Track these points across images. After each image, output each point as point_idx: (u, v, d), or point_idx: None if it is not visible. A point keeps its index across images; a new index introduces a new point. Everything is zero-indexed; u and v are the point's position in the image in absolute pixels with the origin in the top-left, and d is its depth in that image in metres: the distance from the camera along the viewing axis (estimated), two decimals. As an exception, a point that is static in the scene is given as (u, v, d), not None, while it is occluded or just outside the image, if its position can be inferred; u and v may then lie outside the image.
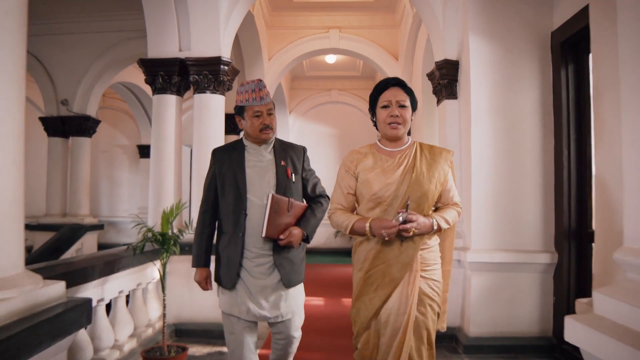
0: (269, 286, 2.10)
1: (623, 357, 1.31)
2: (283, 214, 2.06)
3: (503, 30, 3.62)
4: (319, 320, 4.45)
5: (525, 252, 3.53)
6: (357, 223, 1.89)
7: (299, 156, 2.25)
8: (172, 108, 4.11)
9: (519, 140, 3.59)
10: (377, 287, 1.90)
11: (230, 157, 2.18)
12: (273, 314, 2.11)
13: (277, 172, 2.15)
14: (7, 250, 1.44)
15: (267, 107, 2.13)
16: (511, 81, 3.61)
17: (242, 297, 2.10)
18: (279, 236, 2.06)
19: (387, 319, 1.87)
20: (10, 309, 1.37)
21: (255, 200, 2.10)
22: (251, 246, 2.10)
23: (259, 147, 2.19)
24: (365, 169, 1.95)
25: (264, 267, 2.10)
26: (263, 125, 2.12)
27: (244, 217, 2.09)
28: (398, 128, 1.91)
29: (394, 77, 2.05)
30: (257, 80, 2.15)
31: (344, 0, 6.29)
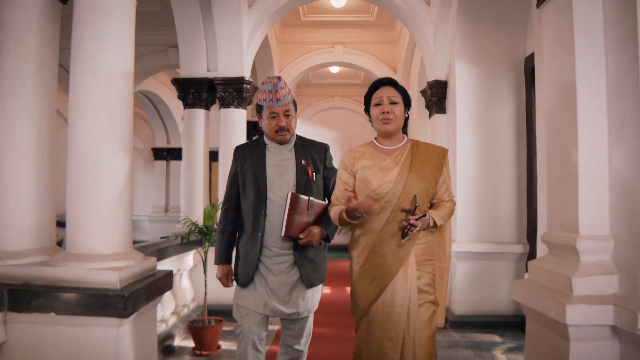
0: (288, 283, 2.07)
1: (542, 303, 1.98)
2: (303, 212, 2.02)
3: (484, 55, 4.28)
4: (326, 304, 5.13)
5: (501, 243, 4.19)
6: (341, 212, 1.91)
7: (320, 154, 2.21)
8: (201, 120, 4.78)
9: (497, 149, 4.26)
10: (373, 280, 1.91)
11: (251, 155, 2.15)
12: (290, 311, 2.08)
13: (297, 171, 2.11)
14: (126, 234, 2.11)
15: (284, 109, 2.08)
16: (490, 99, 4.27)
17: (260, 292, 2.08)
18: (298, 235, 2.02)
19: (381, 310, 1.88)
20: (131, 273, 2.04)
21: (275, 199, 2.07)
22: (270, 245, 2.07)
23: (280, 145, 2.15)
24: (363, 167, 1.96)
25: (283, 265, 2.07)
26: (278, 127, 2.08)
27: (264, 216, 2.07)
28: (390, 122, 1.93)
29: (386, 76, 2.09)
30: (275, 80, 2.06)
31: (347, 20, 6.95)
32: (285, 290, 2.07)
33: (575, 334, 1.83)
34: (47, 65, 2.17)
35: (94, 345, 1.88)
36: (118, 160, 2.06)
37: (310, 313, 2.18)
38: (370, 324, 1.91)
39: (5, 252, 2.01)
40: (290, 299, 2.08)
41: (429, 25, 4.69)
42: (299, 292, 2.09)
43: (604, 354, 1.81)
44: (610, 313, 1.79)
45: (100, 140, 2.01)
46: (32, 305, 1.87)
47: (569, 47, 2.01)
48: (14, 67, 2.08)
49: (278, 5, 4.82)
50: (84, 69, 2.04)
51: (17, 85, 2.06)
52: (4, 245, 2.02)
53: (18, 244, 2.04)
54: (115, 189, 2.04)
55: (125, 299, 1.86)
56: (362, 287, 1.93)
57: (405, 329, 1.86)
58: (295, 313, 2.09)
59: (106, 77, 2.04)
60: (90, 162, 1.99)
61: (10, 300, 1.88)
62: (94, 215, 1.99)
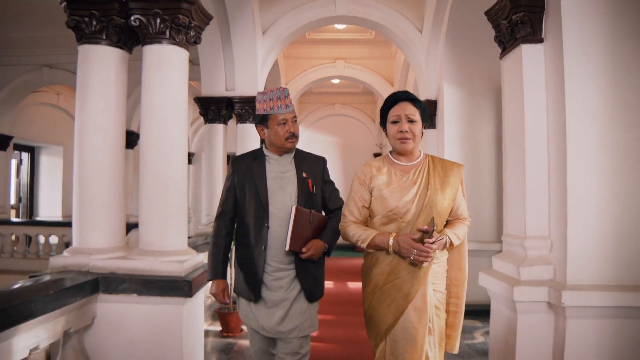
0: (287, 299, 2.04)
1: (499, 286, 2.63)
2: (305, 226, 2.00)
3: (468, 79, 4.93)
4: (330, 296, 5.80)
5: (484, 242, 4.84)
6: (378, 237, 1.85)
7: (319, 167, 2.19)
8: (220, 134, 5.43)
9: (480, 161, 4.91)
10: (391, 303, 1.86)
11: (250, 167, 2.11)
12: (287, 328, 2.03)
13: (298, 184, 2.09)
14: (184, 236, 2.76)
15: (292, 115, 2.07)
16: (474, 117, 4.93)
17: (258, 311, 2.07)
18: (301, 249, 2.00)
19: (402, 332, 1.84)
20: (189, 265, 2.68)
21: (276, 212, 2.04)
22: (271, 260, 2.05)
23: (280, 157, 2.13)
24: (381, 184, 1.91)
25: (283, 280, 2.04)
26: (289, 134, 2.06)
27: (266, 229, 2.03)
28: (407, 142, 1.88)
29: (404, 91, 2.01)
30: (281, 88, 2.08)
31: (348, 38, 7.60)
32: (285, 306, 2.02)
33: (521, 309, 2.48)
34: (121, 105, 2.80)
35: (165, 317, 2.53)
36: (178, 180, 2.70)
37: (309, 332, 2.08)
38: (392, 348, 1.85)
39: (93, 249, 2.65)
40: (288, 316, 2.02)
41: (421, 51, 5.34)
42: (298, 307, 2.04)
43: (542, 322, 2.46)
44: (545, 293, 2.44)
45: (167, 165, 2.66)
46: (119, 288, 2.52)
47: (519, 94, 2.66)
48: (98, 108, 2.70)
49: (288, 32, 5.46)
50: (152, 108, 2.68)
51: (102, 123, 2.70)
52: (93, 244, 2.66)
53: (103, 243, 2.68)
54: (177, 202, 2.69)
55: (189, 284, 2.51)
56: (379, 310, 1.88)
57: (427, 349, 1.85)
58: (293, 330, 2.03)
59: (169, 115, 2.69)
60: (160, 183, 2.64)
61: (102, 284, 2.52)
62: (163, 222, 2.64)
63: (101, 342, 2.54)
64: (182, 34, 2.70)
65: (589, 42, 2.40)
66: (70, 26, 2.70)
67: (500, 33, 2.81)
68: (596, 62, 2.39)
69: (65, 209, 10.84)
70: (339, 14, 5.33)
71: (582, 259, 2.37)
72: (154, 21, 2.63)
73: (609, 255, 2.37)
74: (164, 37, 2.66)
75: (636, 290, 2.32)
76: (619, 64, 2.40)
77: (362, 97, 11.14)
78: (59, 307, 2.18)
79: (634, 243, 2.38)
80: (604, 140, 2.38)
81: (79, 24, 2.66)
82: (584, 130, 2.38)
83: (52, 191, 10.98)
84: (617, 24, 2.40)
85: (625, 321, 2.34)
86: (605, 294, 2.31)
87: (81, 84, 2.71)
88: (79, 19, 2.66)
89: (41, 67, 8.20)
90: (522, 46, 2.62)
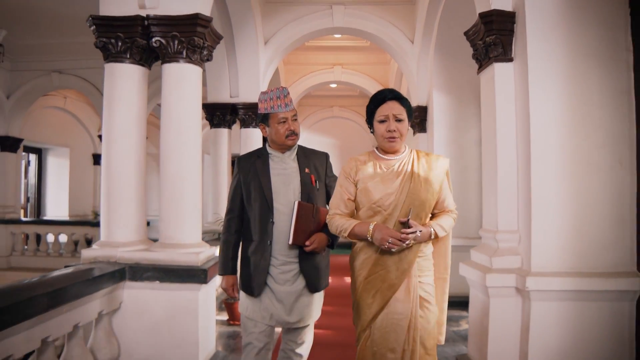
0: (293, 292, 2.11)
1: (476, 275, 3.00)
2: (309, 220, 2.07)
3: (456, 87, 5.31)
4: (330, 289, 6.17)
5: (469, 238, 5.21)
6: (357, 227, 1.89)
7: (322, 163, 2.26)
8: (225, 138, 5.81)
9: (466, 162, 5.28)
10: (376, 293, 1.90)
11: (255, 166, 2.17)
12: (295, 319, 2.12)
13: (301, 179, 2.15)
14: (198, 231, 3.13)
15: (292, 113, 2.13)
16: (461, 122, 5.30)
17: (266, 302, 2.12)
18: (305, 243, 2.07)
19: (384, 322, 1.89)
20: (204, 256, 3.05)
21: (281, 208, 2.12)
22: (277, 254, 2.11)
23: (282, 154, 2.19)
24: (365, 177, 1.94)
25: (289, 274, 2.11)
26: (289, 132, 2.12)
27: (271, 225, 2.10)
28: (396, 141, 1.91)
29: (391, 89, 2.03)
30: (280, 88, 2.15)
31: (345, 45, 7.97)
32: (291, 300, 2.11)
33: (493, 293, 2.86)
34: (143, 115, 3.17)
35: (183, 301, 2.90)
36: (194, 182, 3.08)
37: (313, 321, 2.21)
38: (373, 336, 1.90)
39: (120, 243, 3.01)
40: (296, 307, 2.11)
41: (413, 60, 5.72)
42: (304, 300, 2.13)
43: (511, 305, 2.84)
44: (513, 279, 2.82)
45: (183, 168, 3.03)
46: (143, 276, 2.89)
47: (492, 105, 3.04)
48: (123, 120, 3.07)
49: (288, 43, 5.83)
50: (171, 118, 3.05)
51: (127, 133, 3.06)
52: (119, 238, 3.02)
53: (128, 237, 3.05)
54: (192, 201, 3.06)
55: (205, 272, 2.88)
56: (365, 299, 1.93)
57: (405, 340, 1.87)
58: (300, 321, 2.14)
59: (186, 124, 3.06)
60: (178, 184, 3.01)
61: (129, 273, 2.89)
62: (180, 219, 3.01)
63: (127, 323, 2.91)
64: (196, 54, 3.07)
65: (551, 61, 2.78)
66: (98, 47, 3.06)
67: (477, 52, 3.19)
68: (556, 78, 2.78)
69: (72, 209, 11.19)
70: (336, 25, 5.70)
71: (544, 250, 2.76)
72: (173, 43, 3.00)
73: (567, 247, 2.75)
74: (181, 56, 3.02)
75: (590, 276, 2.71)
76: (576, 80, 2.78)
77: (359, 100, 11.50)
78: (95, 291, 2.55)
79: (589, 236, 2.76)
80: (563, 147, 2.77)
81: (106, 44, 3.03)
82: (545, 138, 2.77)
83: (58, 191, 11.33)
84: (575, 46, 2.78)
85: (581, 303, 2.72)
86: (563, 279, 2.70)
87: (108, 97, 3.07)
88: (107, 41, 3.02)
89: (51, 73, 8.56)
90: (495, 64, 2.99)
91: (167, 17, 2.98)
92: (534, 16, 2.80)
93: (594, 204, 2.76)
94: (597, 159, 2.76)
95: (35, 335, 2.10)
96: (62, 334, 2.34)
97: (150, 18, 2.99)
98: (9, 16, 5.67)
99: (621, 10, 2.81)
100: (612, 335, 2.71)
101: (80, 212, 11.16)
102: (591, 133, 2.77)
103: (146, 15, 3.00)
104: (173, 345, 2.90)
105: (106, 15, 3.03)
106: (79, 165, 11.46)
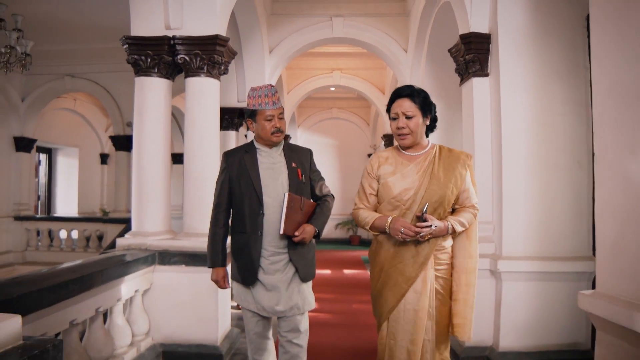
0: (284, 280, 2.18)
1: (456, 260, 3.48)
2: (297, 211, 2.14)
3: (445, 93, 5.77)
4: (330, 280, 6.67)
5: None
6: (378, 220, 1.97)
7: (306, 158, 2.33)
8: (233, 140, 6.28)
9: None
10: (394, 286, 1.96)
11: (243, 160, 2.23)
12: (287, 307, 2.18)
13: (289, 173, 2.22)
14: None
15: (278, 111, 2.18)
16: (449, 126, 5.78)
17: (257, 294, 2.19)
18: (294, 233, 2.13)
19: (403, 314, 1.94)
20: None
21: (269, 200, 2.18)
22: (267, 245, 2.18)
23: (270, 149, 2.25)
24: (386, 173, 2.00)
25: (279, 264, 2.18)
26: (275, 129, 2.17)
27: (262, 217, 2.17)
28: (406, 138, 1.97)
29: (406, 86, 2.06)
30: (269, 86, 2.20)
31: (344, 51, 8.45)
32: (283, 288, 2.17)
33: (470, 275, 3.33)
34: (168, 122, 3.64)
35: (205, 283, 3.32)
36: (213, 180, 3.54)
37: (306, 311, 2.26)
38: (393, 328, 1.96)
39: (149, 232, 3.47)
40: (286, 296, 2.18)
41: (407, 68, 6.19)
42: (295, 287, 2.20)
43: (486, 285, 3.31)
44: (488, 263, 3.29)
45: (204, 168, 3.50)
46: (171, 261, 3.36)
47: (471, 114, 3.52)
48: (151, 126, 3.54)
49: (291, 51, 6.30)
50: (194, 126, 3.52)
51: (154, 137, 3.53)
52: (149, 228, 3.48)
53: (156, 228, 3.51)
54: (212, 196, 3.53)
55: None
56: (384, 292, 1.99)
57: (423, 331, 1.95)
58: (292, 308, 2.19)
59: (206, 131, 3.53)
60: (200, 182, 3.48)
61: (158, 258, 3.36)
62: (202, 212, 3.48)
63: (156, 301, 3.37)
64: (215, 69, 3.54)
65: (520, 77, 3.27)
66: (129, 62, 3.53)
67: (459, 67, 3.67)
68: (524, 91, 3.26)
69: (81, 207, 11.65)
70: (336, 35, 6.17)
71: (513, 238, 3.24)
72: (195, 59, 3.46)
73: (533, 235, 3.24)
74: (202, 71, 3.49)
75: (552, 260, 3.19)
76: (541, 93, 3.26)
77: (357, 102, 11.98)
78: (133, 272, 3.02)
79: (552, 226, 3.24)
80: (529, 150, 3.25)
81: (137, 61, 3.49)
82: (515, 142, 3.25)
83: (68, 190, 11.79)
84: (541, 64, 3.26)
85: (545, 283, 3.21)
86: (530, 262, 3.18)
87: (138, 107, 3.54)
88: (137, 57, 3.49)
89: (64, 76, 9.02)
90: (473, 79, 3.47)
91: (191, 37, 3.44)
92: (505, 38, 3.28)
93: (556, 199, 3.25)
94: (558, 160, 3.24)
95: (91, 306, 2.57)
96: (109, 306, 2.82)
97: (176, 38, 3.45)
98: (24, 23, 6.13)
99: (580, 33, 3.29)
100: (572, 310, 3.20)
101: (89, 209, 11.61)
102: (554, 138, 3.25)
103: (172, 35, 3.47)
104: (196, 320, 3.37)
105: (137, 35, 3.49)
106: (87, 165, 11.92)
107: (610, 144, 1.85)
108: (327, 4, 6.10)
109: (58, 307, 2.18)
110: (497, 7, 3.28)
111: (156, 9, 3.48)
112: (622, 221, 1.79)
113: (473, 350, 3.30)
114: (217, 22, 3.49)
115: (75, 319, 2.40)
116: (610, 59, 1.83)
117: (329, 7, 6.09)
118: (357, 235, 11.46)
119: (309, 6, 6.12)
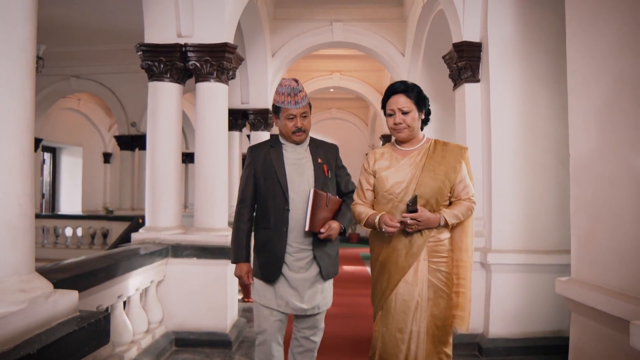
0: (307, 279, 2.16)
1: (449, 254, 3.73)
2: (322, 208, 2.11)
3: (441, 95, 6.02)
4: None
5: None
6: (370, 217, 2.02)
7: (332, 154, 2.31)
8: (237, 140, 6.54)
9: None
10: (389, 275, 2.01)
11: (268, 155, 2.22)
12: (309, 306, 2.16)
13: (314, 169, 2.20)
14: (225, 217, 3.85)
15: (301, 111, 2.15)
16: (445, 127, 6.03)
17: (281, 290, 2.16)
18: (319, 230, 2.11)
19: (394, 303, 1.99)
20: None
21: (295, 196, 2.16)
22: (292, 241, 2.16)
23: (295, 145, 2.23)
24: (381, 167, 2.05)
25: (303, 261, 2.16)
26: (295, 128, 2.16)
27: (287, 212, 2.15)
28: (403, 132, 2.00)
29: (400, 82, 2.09)
30: (293, 83, 2.16)
31: (343, 54, 8.70)
32: (306, 287, 2.16)
33: (462, 267, 3.58)
34: (179, 123, 3.88)
35: (215, 274, 3.61)
36: (223, 178, 3.79)
37: (326, 309, 2.27)
38: (385, 316, 2.02)
39: (162, 227, 3.71)
40: (309, 295, 2.16)
41: (404, 71, 6.44)
42: (317, 287, 2.19)
43: (477, 276, 3.52)
44: (479, 256, 3.54)
45: (213, 167, 3.74)
46: (183, 254, 3.60)
47: (463, 118, 3.77)
48: (164, 127, 3.77)
49: (293, 55, 6.54)
50: (204, 127, 3.76)
51: (167, 138, 3.76)
52: (162, 224, 3.72)
53: (168, 223, 3.75)
54: (221, 193, 3.77)
55: (232, 250, 3.59)
56: (379, 281, 2.07)
57: (412, 321, 1.96)
58: (314, 307, 2.19)
59: (216, 132, 3.77)
60: (210, 180, 3.72)
61: (171, 251, 3.60)
62: (212, 208, 3.72)
63: (170, 292, 3.61)
64: (224, 74, 3.78)
65: (508, 83, 3.52)
66: (144, 68, 3.76)
67: (452, 73, 3.91)
68: (512, 97, 3.51)
69: (85, 205, 11.87)
70: (336, 40, 6.41)
71: (502, 233, 3.49)
72: (206, 66, 3.70)
73: (520, 230, 3.49)
74: (212, 76, 3.73)
75: (538, 253, 3.45)
76: (528, 98, 3.51)
77: (356, 103, 12.23)
78: (148, 264, 3.26)
79: (538, 221, 3.50)
80: (517, 150, 3.50)
81: (151, 66, 3.73)
82: (503, 143, 3.50)
83: (72, 188, 12.01)
84: (528, 71, 3.52)
85: (531, 274, 3.46)
86: (516, 255, 3.43)
87: (152, 110, 3.78)
88: (151, 64, 3.72)
89: (69, 77, 9.25)
90: (465, 84, 3.72)
91: (202, 45, 3.68)
92: (495, 47, 3.53)
93: (541, 197, 3.50)
94: (543, 160, 3.50)
95: (114, 293, 2.81)
96: (130, 294, 3.06)
97: (187, 46, 3.69)
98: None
99: (564, 43, 3.53)
100: (556, 300, 3.44)
101: (92, 207, 11.83)
102: (539, 140, 3.50)
103: (184, 43, 3.70)
104: (206, 309, 3.61)
105: (151, 42, 3.73)
106: (90, 164, 12.14)
107: (581, 147, 2.10)
108: (327, 9, 6.34)
109: (90, 291, 2.42)
110: (487, 17, 3.53)
111: (168, 18, 3.71)
112: (593, 217, 2.03)
113: (465, 337, 3.55)
114: (225, 31, 3.72)
115: (101, 304, 2.64)
116: (580, 72, 2.08)
117: (329, 12, 6.34)
118: (356, 233, 11.71)
119: (310, 11, 6.37)
